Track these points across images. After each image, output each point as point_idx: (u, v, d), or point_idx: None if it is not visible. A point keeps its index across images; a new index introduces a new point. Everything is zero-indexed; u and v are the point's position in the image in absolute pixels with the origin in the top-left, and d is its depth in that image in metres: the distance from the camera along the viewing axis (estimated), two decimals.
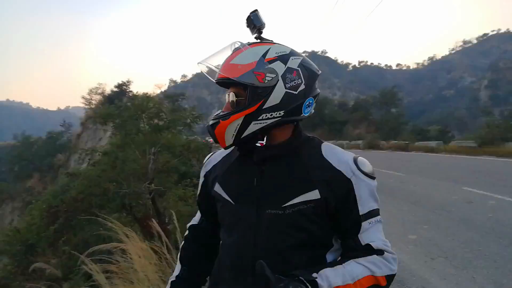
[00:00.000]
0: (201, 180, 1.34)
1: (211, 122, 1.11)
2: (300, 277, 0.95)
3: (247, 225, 1.10)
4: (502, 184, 8.90)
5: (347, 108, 51.13)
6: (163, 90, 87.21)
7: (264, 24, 1.13)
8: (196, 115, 9.86)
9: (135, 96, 11.52)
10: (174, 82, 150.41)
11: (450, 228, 5.83)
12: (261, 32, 1.14)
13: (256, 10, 1.14)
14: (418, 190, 9.24)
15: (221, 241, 1.25)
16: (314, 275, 0.97)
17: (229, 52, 1.11)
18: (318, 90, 1.17)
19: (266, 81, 1.04)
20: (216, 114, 1.12)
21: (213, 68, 1.13)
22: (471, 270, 4.20)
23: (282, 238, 1.06)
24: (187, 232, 1.44)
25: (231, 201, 1.15)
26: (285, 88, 1.05)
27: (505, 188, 8.23)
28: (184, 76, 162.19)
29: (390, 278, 1.05)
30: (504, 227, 5.60)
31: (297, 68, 1.08)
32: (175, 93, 56.42)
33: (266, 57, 1.06)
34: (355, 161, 1.11)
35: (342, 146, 1.17)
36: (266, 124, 1.07)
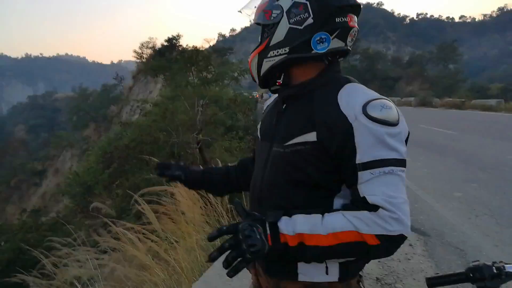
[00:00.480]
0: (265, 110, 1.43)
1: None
2: (263, 218, 0.95)
3: (262, 160, 1.18)
4: None
5: (401, 63, 48.54)
6: (212, 44, 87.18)
7: None
8: (243, 69, 9.83)
9: (185, 50, 11.62)
10: (223, 36, 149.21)
11: (500, 187, 5.62)
12: None
13: None
14: (470, 148, 8.85)
15: None
16: (281, 218, 0.97)
17: None
18: (350, 24, 1.06)
19: (272, 18, 1.06)
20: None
21: (246, 14, 1.20)
22: None
23: (282, 175, 1.09)
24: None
25: (259, 137, 1.25)
26: (289, 23, 1.04)
27: None
28: (233, 30, 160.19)
29: (386, 238, 0.92)
30: None
31: (305, 2, 1.03)
32: (224, 47, 56.13)
33: None
34: (366, 104, 0.98)
35: (393, 102, 0.98)
36: (274, 61, 1.08)
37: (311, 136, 1.01)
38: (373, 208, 0.94)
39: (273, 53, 1.07)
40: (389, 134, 0.96)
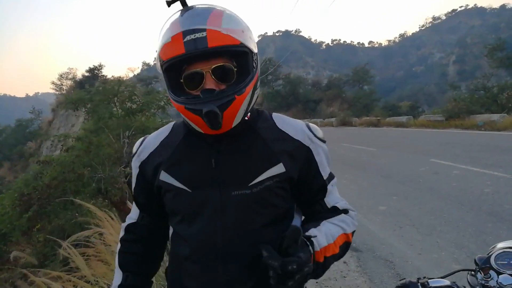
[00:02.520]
0: (135, 171, 1.17)
1: (218, 104, 0.91)
2: (304, 238, 0.93)
3: (211, 210, 1.01)
4: (466, 155, 9.35)
5: (321, 86, 51.51)
6: (136, 73, 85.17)
7: None
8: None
9: (106, 81, 11.29)
10: (147, 64, 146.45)
11: (417, 198, 6.15)
12: None
13: None
14: (388, 163, 9.59)
15: (172, 233, 1.14)
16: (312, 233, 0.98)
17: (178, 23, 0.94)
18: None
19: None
20: (215, 93, 0.93)
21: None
22: (435, 235, 4.49)
23: (252, 218, 1.01)
24: (122, 234, 1.24)
25: (187, 189, 1.03)
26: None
27: (468, 159, 8.67)
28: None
29: (353, 233, 1.11)
30: (466, 194, 5.96)
31: None
32: (148, 76, 55.22)
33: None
34: (308, 127, 1.09)
35: (316, 124, 1.11)
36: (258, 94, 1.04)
37: (279, 168, 1.01)
38: (345, 211, 1.11)
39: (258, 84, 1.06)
40: (327, 150, 1.12)
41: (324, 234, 1.00)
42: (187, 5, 0.98)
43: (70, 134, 9.04)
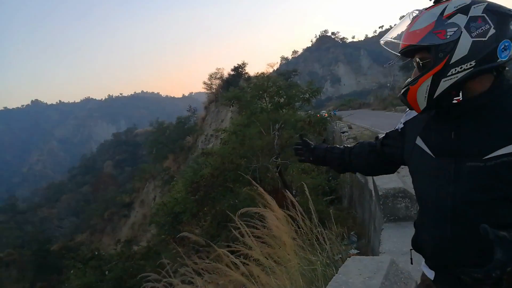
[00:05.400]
0: (399, 125, 1.42)
1: (402, 91, 1.17)
2: None
3: (446, 177, 1.13)
4: None
5: None
6: (275, 68, 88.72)
7: None
8: (315, 89, 9.88)
9: (256, 77, 12.05)
10: (285, 59, 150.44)
11: None
12: None
13: None
14: None
15: (414, 188, 1.32)
16: None
17: (407, 23, 1.15)
18: None
19: (448, 36, 1.05)
20: (406, 82, 1.17)
21: (393, 40, 1.21)
22: None
23: (483, 191, 1.06)
24: (360, 144, 1.66)
25: (432, 155, 1.20)
26: (471, 37, 1.04)
27: None
28: (294, 52, 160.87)
29: None
30: None
31: (482, 15, 1.05)
32: (287, 70, 56.78)
33: (444, 14, 1.07)
34: None
35: None
36: (457, 78, 1.07)
37: None
38: None
39: (455, 70, 1.07)
40: None
41: None
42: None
43: (226, 129, 9.96)
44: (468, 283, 0.94)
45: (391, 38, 1.21)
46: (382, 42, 1.24)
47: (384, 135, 1.52)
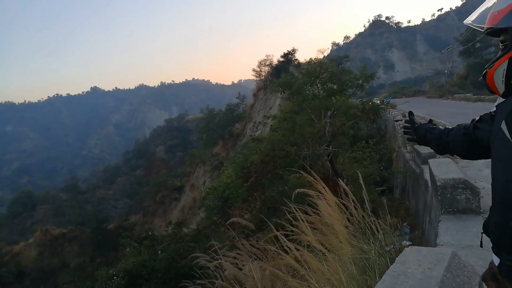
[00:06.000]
0: (493, 108, 1.36)
1: (482, 74, 1.14)
2: None
3: None
4: None
5: None
6: (326, 54, 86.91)
7: None
8: (369, 75, 9.55)
9: (307, 63, 11.87)
10: (337, 44, 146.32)
11: None
12: None
13: None
14: None
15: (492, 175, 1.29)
16: None
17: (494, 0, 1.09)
18: None
19: None
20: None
21: (474, 25, 1.19)
22: None
23: None
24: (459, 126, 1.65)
25: (511, 139, 1.16)
26: None
27: None
28: (346, 37, 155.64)
29: None
30: None
31: None
32: (339, 56, 55.51)
33: None
34: None
35: None
36: None
37: None
38: None
39: None
40: None
41: None
42: None
43: (277, 115, 9.95)
44: None
45: (474, 18, 1.18)
46: (467, 22, 1.21)
47: (478, 118, 1.48)
